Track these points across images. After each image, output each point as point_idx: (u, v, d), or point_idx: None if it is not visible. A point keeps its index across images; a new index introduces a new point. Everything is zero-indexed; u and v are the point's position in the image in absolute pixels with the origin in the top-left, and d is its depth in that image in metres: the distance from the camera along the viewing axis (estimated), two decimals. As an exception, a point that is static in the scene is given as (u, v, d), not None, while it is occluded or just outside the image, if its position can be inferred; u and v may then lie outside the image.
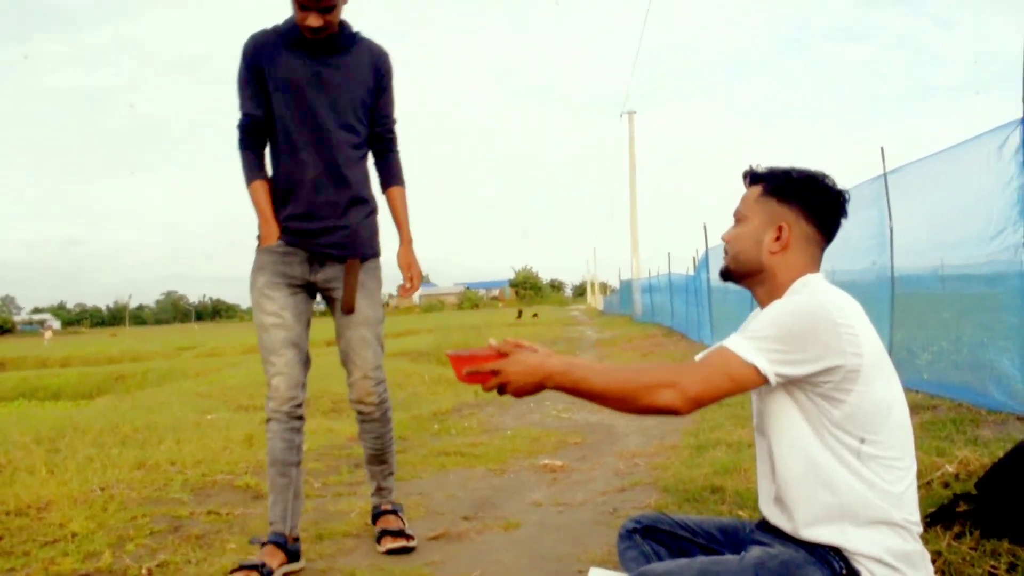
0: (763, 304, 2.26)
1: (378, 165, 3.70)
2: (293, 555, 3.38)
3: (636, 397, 2.01)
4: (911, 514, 2.08)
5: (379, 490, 3.81)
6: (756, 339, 1.99)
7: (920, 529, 2.10)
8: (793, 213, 2.19)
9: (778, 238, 2.18)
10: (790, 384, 2.01)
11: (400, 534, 3.62)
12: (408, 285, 3.71)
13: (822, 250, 2.22)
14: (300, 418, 3.48)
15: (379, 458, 3.73)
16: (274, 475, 3.43)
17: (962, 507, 3.01)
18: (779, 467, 2.12)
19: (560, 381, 2.06)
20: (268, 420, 3.45)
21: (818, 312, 2.00)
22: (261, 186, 3.47)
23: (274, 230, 3.42)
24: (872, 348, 2.04)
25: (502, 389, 2.08)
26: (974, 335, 6.07)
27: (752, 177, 2.28)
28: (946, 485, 3.45)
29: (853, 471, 2.03)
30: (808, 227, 2.19)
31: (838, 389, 2.00)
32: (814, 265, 2.21)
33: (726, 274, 2.31)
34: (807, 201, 2.19)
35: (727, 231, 2.29)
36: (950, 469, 3.62)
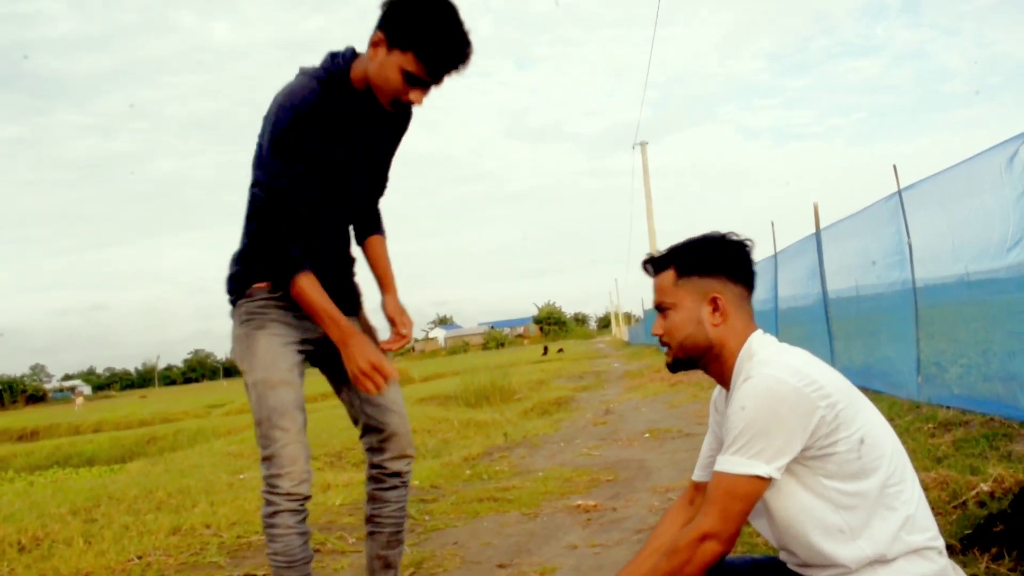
0: (716, 377, 2.28)
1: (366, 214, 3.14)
2: None
3: (682, 571, 2.03)
4: (929, 529, 2.08)
5: None
6: (742, 449, 2.00)
7: (942, 542, 2.10)
8: (718, 282, 2.20)
9: (715, 310, 2.19)
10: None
11: None
12: (405, 332, 3.09)
13: (751, 300, 2.25)
14: (310, 497, 2.85)
15: (398, 537, 3.05)
16: None
17: (998, 527, 2.98)
18: (794, 544, 2.12)
19: None
20: (276, 512, 2.73)
21: (778, 388, 2.00)
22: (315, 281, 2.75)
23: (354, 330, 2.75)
24: (839, 388, 2.05)
25: None
26: (1003, 344, 6.01)
27: (656, 264, 2.28)
28: (981, 504, 3.42)
29: (870, 517, 2.04)
30: (735, 287, 2.20)
31: (826, 443, 2.01)
32: (750, 322, 2.22)
33: (678, 365, 2.29)
34: (726, 266, 2.20)
35: (657, 326, 2.28)
36: (985, 488, 3.59)
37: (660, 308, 2.27)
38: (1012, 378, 5.63)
